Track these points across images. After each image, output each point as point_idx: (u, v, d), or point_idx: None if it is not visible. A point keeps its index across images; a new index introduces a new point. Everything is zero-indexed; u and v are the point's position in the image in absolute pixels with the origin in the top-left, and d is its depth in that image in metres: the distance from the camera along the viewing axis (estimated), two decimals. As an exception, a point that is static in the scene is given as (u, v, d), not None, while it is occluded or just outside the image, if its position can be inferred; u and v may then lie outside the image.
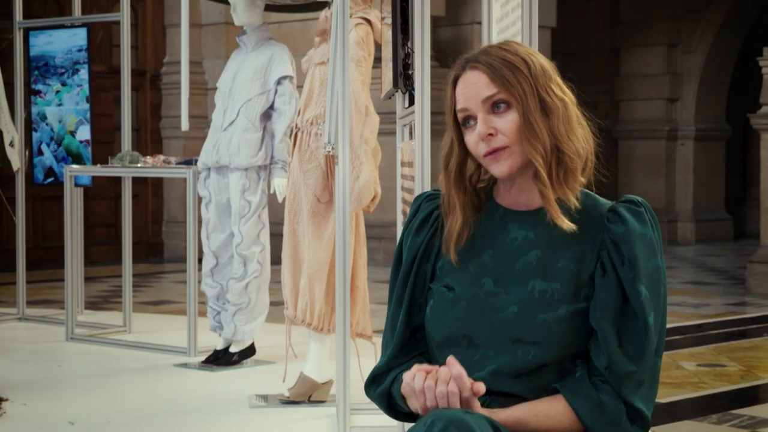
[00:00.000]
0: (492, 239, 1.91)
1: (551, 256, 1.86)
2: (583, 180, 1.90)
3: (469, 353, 1.86)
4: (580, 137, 1.87)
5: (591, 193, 1.93)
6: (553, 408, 1.81)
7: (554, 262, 1.86)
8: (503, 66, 1.85)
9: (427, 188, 3.33)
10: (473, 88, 1.86)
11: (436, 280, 1.94)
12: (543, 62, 1.88)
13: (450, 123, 1.91)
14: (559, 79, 1.89)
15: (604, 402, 1.81)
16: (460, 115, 1.89)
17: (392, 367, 1.97)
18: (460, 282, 1.90)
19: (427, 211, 1.99)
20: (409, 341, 1.97)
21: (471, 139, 1.87)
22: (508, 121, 1.84)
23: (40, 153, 7.12)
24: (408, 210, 2.16)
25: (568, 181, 1.86)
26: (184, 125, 5.84)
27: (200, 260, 5.63)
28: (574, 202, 1.86)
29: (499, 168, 1.86)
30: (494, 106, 1.85)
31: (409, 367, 1.93)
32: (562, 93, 1.87)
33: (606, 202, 1.91)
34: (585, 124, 1.90)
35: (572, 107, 1.88)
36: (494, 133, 1.85)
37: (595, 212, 1.89)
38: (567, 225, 1.84)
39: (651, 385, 1.85)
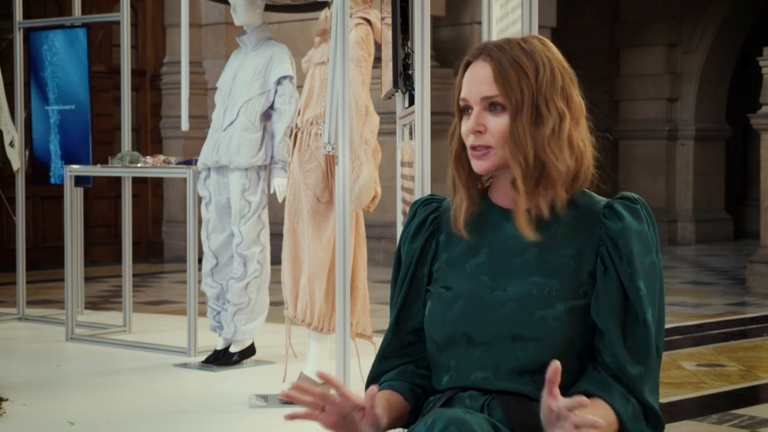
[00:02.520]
0: (488, 238, 1.92)
1: (549, 254, 1.87)
2: (563, 195, 1.88)
3: (468, 351, 1.86)
4: (567, 153, 1.84)
5: (587, 190, 1.93)
6: (597, 410, 1.79)
7: (552, 258, 1.86)
8: (511, 67, 1.84)
9: (428, 188, 3.33)
10: (477, 82, 1.87)
11: (434, 282, 1.95)
12: (556, 68, 1.86)
13: (455, 104, 1.92)
14: (571, 88, 1.88)
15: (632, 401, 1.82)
16: (460, 103, 1.90)
17: (381, 371, 2.00)
18: (458, 281, 1.91)
19: (423, 216, 2.00)
20: (401, 345, 1.98)
21: (463, 127, 1.89)
22: (499, 123, 1.85)
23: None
24: (408, 210, 2.18)
25: (546, 194, 1.86)
26: (184, 125, 5.84)
27: (200, 260, 5.63)
28: (545, 213, 1.86)
29: (478, 165, 1.88)
30: (491, 106, 1.86)
31: (397, 372, 1.95)
32: (565, 106, 1.86)
33: (602, 199, 1.92)
34: (586, 137, 1.89)
35: (569, 122, 1.86)
36: (483, 131, 1.86)
37: (591, 209, 1.90)
38: (529, 234, 1.85)
39: (657, 383, 1.86)
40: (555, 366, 1.63)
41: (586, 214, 1.89)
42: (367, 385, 2.00)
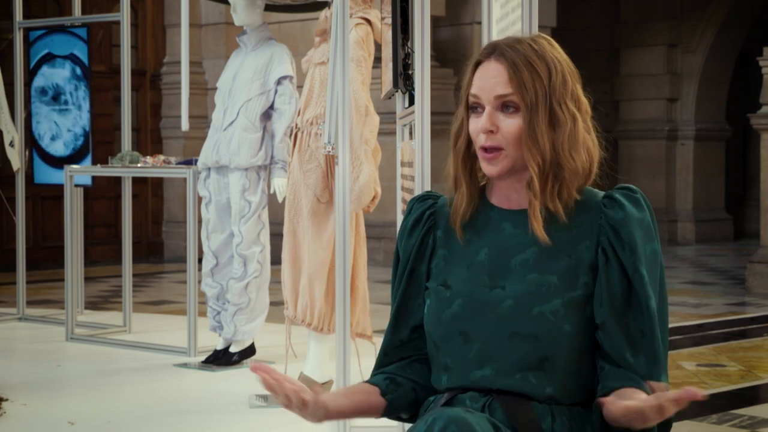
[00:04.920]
0: (487, 237, 1.92)
1: (548, 252, 1.87)
2: (577, 196, 1.89)
3: (464, 350, 1.86)
4: (583, 154, 1.87)
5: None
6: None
7: (551, 256, 1.86)
8: (525, 68, 1.84)
9: (427, 188, 3.33)
10: (491, 81, 1.86)
11: (433, 278, 1.95)
12: (566, 71, 1.87)
13: (464, 102, 1.92)
14: (578, 89, 1.89)
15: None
16: (471, 100, 1.89)
17: (381, 367, 2.00)
18: (456, 279, 1.91)
19: (419, 212, 2.00)
20: (400, 341, 1.98)
21: (473, 126, 1.89)
22: (512, 124, 1.85)
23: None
24: (407, 209, 2.18)
25: (561, 196, 1.87)
26: (184, 125, 5.84)
27: (200, 260, 5.63)
28: (563, 215, 1.86)
29: (489, 168, 1.87)
30: (504, 106, 1.86)
31: (397, 367, 1.96)
32: (576, 107, 1.87)
33: (599, 192, 1.93)
34: (594, 137, 1.90)
35: (581, 123, 1.87)
36: (495, 131, 1.86)
37: (589, 201, 1.90)
38: (542, 237, 1.85)
39: (666, 370, 1.86)
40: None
41: (584, 207, 1.89)
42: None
